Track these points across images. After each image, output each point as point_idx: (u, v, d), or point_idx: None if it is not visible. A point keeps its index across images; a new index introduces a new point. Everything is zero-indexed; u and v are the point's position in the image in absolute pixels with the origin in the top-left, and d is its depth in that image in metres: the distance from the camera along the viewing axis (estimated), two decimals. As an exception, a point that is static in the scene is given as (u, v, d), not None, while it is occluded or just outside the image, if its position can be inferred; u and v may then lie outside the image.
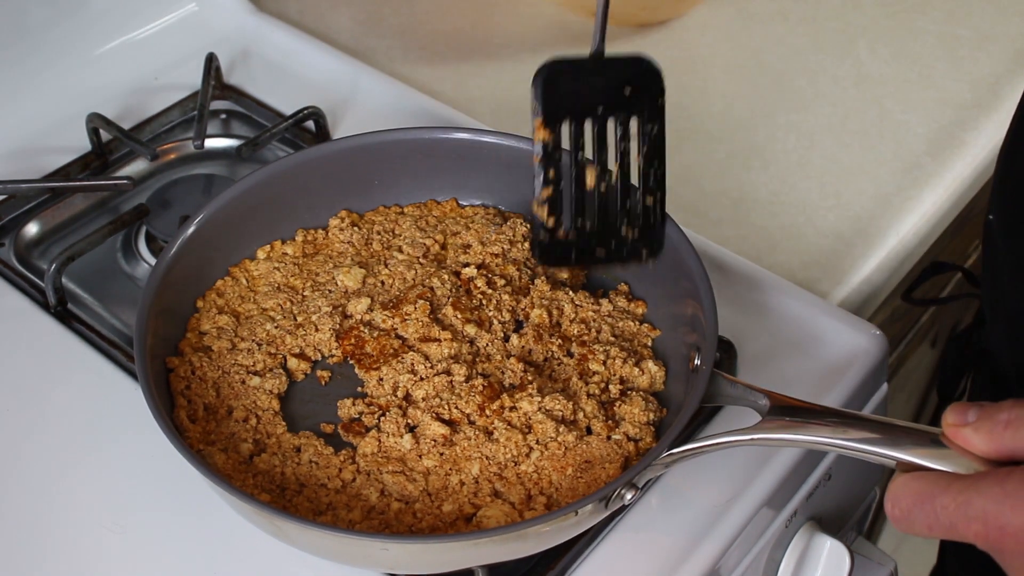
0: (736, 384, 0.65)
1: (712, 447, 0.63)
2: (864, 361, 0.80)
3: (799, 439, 0.61)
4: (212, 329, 0.74)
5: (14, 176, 0.91)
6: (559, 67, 0.67)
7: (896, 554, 0.89)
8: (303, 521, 0.61)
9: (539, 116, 0.66)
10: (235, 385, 0.71)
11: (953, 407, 0.54)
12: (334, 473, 0.67)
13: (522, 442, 0.67)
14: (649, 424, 0.69)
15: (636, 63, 0.69)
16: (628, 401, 0.70)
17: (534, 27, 1.17)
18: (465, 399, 0.69)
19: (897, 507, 0.53)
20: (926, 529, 0.52)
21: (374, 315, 0.74)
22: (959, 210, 1.02)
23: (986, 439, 0.52)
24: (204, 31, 1.06)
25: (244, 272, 0.78)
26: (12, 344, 0.80)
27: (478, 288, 0.76)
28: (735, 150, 1.03)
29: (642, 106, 0.69)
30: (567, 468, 0.66)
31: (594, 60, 0.68)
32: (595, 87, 0.68)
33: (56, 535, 0.70)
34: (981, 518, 0.49)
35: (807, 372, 0.79)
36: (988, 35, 1.16)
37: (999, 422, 0.52)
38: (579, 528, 0.65)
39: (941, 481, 0.52)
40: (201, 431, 0.69)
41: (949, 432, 0.54)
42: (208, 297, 0.76)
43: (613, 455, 0.67)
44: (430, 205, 0.83)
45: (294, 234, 0.80)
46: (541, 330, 0.74)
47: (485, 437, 0.68)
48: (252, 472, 0.67)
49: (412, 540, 0.62)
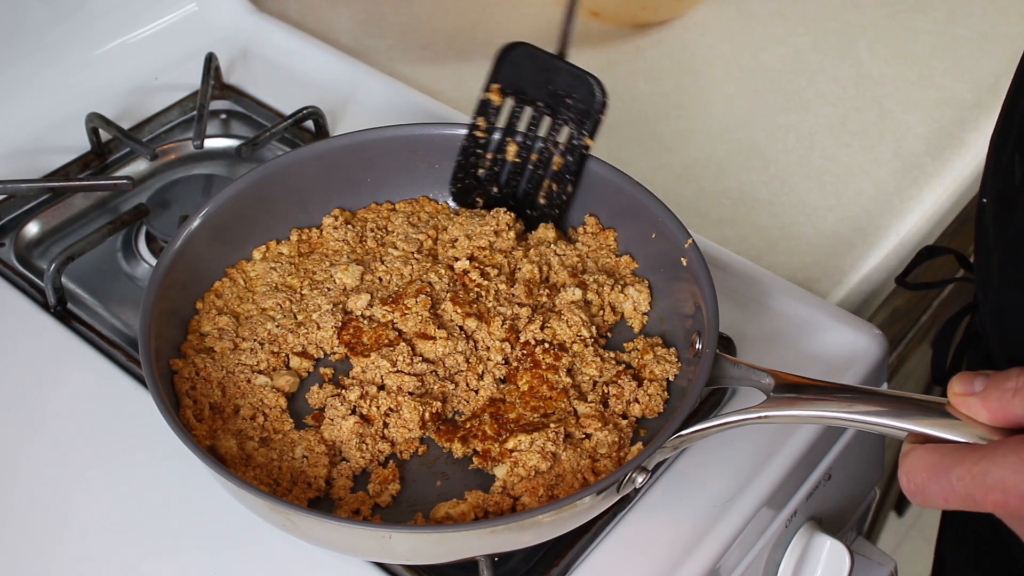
0: (740, 365, 0.65)
1: (721, 427, 0.63)
2: (864, 361, 0.80)
3: (806, 415, 0.61)
4: (213, 330, 0.74)
5: (14, 176, 0.91)
6: (525, 50, 0.78)
7: (896, 554, 0.89)
8: (314, 514, 0.61)
9: (494, 81, 0.78)
10: (240, 384, 0.71)
11: (959, 376, 0.54)
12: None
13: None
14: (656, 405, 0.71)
15: (585, 80, 0.77)
16: (639, 390, 0.71)
17: (534, 27, 1.17)
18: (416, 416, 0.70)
19: (912, 481, 0.53)
20: (942, 501, 0.52)
21: (374, 310, 0.75)
22: (959, 210, 1.02)
23: (994, 407, 0.53)
24: (204, 31, 1.06)
25: (241, 273, 0.78)
26: (12, 344, 0.80)
27: (473, 281, 0.76)
28: (735, 150, 1.03)
29: (578, 120, 0.77)
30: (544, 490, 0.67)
31: (553, 59, 0.78)
32: (544, 82, 0.78)
33: (56, 535, 0.70)
34: (1000, 487, 0.50)
35: (807, 372, 0.78)
36: (988, 35, 1.16)
37: (1007, 390, 0.52)
38: (591, 513, 0.65)
39: (955, 452, 0.52)
40: (207, 429, 0.69)
41: (956, 402, 0.54)
42: (207, 299, 0.76)
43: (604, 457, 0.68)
44: (422, 201, 0.83)
45: (288, 234, 0.80)
46: (531, 285, 0.76)
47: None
48: (252, 466, 0.67)
49: (417, 530, 0.63)
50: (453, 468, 0.69)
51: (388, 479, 0.67)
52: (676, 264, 0.73)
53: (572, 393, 0.71)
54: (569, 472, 0.66)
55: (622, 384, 0.71)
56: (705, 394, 0.76)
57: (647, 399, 0.71)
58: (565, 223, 0.82)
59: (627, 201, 0.77)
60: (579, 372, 0.73)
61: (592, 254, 0.79)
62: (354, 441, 0.68)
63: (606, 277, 0.77)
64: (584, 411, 0.70)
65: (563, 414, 0.70)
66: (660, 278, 0.77)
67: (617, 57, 1.13)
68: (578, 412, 0.70)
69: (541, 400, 0.71)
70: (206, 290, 0.76)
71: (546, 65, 0.77)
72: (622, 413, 0.71)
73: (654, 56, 1.14)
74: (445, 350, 0.72)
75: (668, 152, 1.03)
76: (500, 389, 0.72)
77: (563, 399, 0.71)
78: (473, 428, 0.70)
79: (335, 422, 0.69)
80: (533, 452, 0.67)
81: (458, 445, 0.69)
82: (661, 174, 1.00)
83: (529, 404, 0.71)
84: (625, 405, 0.71)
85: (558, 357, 0.73)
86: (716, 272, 0.71)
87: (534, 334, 0.73)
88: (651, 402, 0.71)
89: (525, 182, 0.80)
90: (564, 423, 0.69)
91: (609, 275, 0.78)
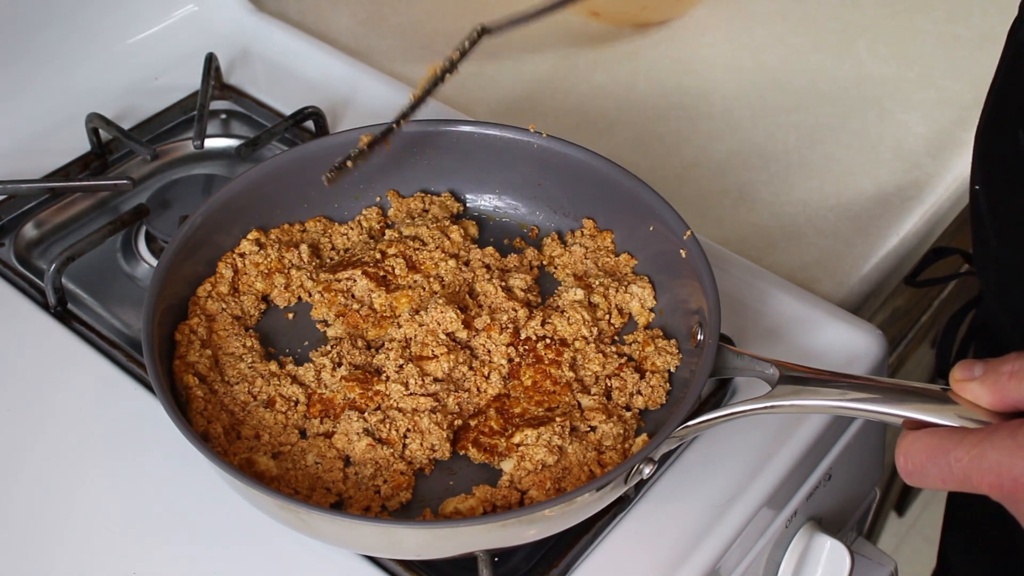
0: (743, 355, 0.66)
1: (728, 416, 0.63)
2: (864, 361, 0.80)
3: (810, 404, 0.62)
4: (201, 360, 0.72)
5: (14, 176, 0.91)
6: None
7: (896, 554, 0.89)
8: (326, 511, 0.62)
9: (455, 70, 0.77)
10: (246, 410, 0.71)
11: (961, 363, 0.56)
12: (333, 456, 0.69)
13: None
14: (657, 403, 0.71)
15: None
16: (639, 386, 0.71)
17: (534, 27, 1.17)
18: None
19: (910, 462, 0.54)
20: (939, 482, 0.53)
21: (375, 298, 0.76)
22: (959, 210, 1.02)
23: (991, 391, 0.54)
24: (204, 31, 1.06)
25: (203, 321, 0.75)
26: (12, 344, 0.80)
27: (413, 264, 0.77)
28: (735, 150, 1.03)
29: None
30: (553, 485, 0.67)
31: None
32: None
33: (56, 535, 0.70)
34: (995, 470, 0.51)
35: (807, 372, 0.79)
36: (988, 35, 1.16)
37: (1003, 373, 0.54)
38: (599, 506, 0.65)
39: (954, 435, 0.53)
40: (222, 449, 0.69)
41: (957, 387, 0.56)
42: (183, 330, 0.74)
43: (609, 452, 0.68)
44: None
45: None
46: (527, 291, 0.77)
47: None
48: (269, 477, 0.67)
49: (428, 526, 0.63)
50: (460, 463, 0.69)
51: (402, 486, 0.67)
52: (676, 257, 0.73)
53: (575, 387, 0.72)
54: (576, 465, 0.66)
55: (624, 376, 0.72)
56: (709, 389, 0.76)
57: (650, 391, 0.71)
58: (563, 228, 0.82)
59: (624, 195, 0.77)
60: (581, 367, 0.73)
61: (591, 255, 0.80)
62: (369, 467, 0.68)
63: (610, 280, 0.77)
64: (588, 404, 0.70)
65: (567, 408, 0.71)
66: (660, 273, 0.77)
67: (617, 57, 1.13)
68: (582, 405, 0.71)
69: (545, 394, 0.71)
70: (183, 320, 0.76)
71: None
72: (625, 405, 0.71)
73: (654, 56, 1.14)
74: (449, 364, 0.72)
75: (668, 152, 1.03)
76: (505, 385, 0.72)
77: (567, 393, 0.71)
78: (480, 425, 0.70)
79: (352, 443, 0.69)
80: (540, 446, 0.67)
81: (475, 452, 0.69)
82: (661, 174, 1.00)
83: (533, 399, 0.71)
84: (628, 397, 0.71)
85: (560, 352, 0.73)
86: (716, 272, 0.71)
87: (535, 330, 0.74)
88: (654, 394, 0.71)
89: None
90: (569, 416, 0.69)
91: (611, 276, 0.78)
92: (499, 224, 0.83)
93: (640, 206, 0.76)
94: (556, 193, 0.82)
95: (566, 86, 1.10)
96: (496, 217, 0.84)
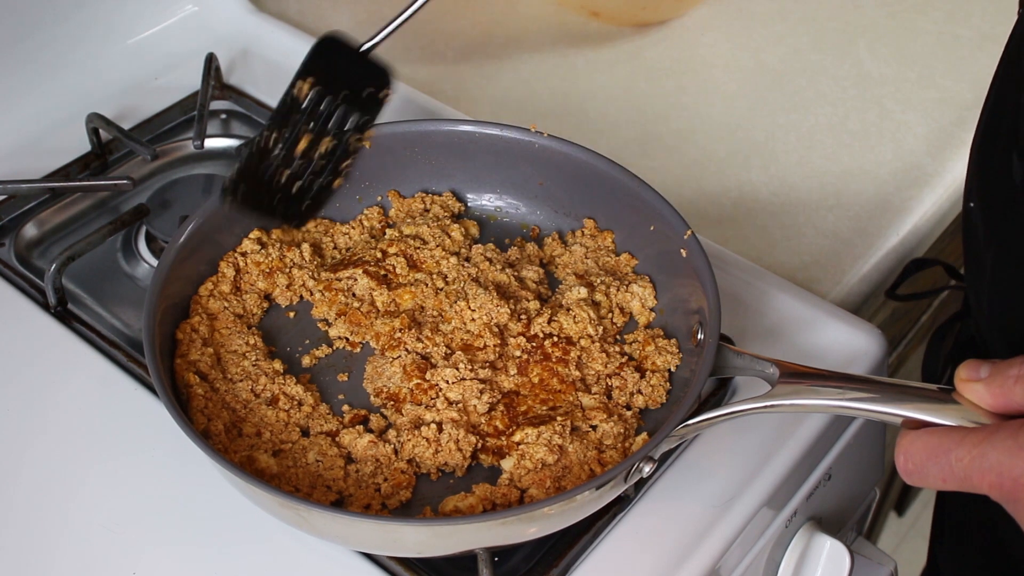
0: (743, 355, 0.66)
1: (728, 415, 0.63)
2: (864, 361, 0.80)
3: (811, 403, 0.62)
4: (203, 359, 0.72)
5: (14, 176, 0.91)
6: (334, 44, 0.74)
7: (896, 554, 0.89)
8: (326, 508, 0.62)
9: (307, 75, 0.73)
10: (248, 405, 0.71)
11: (967, 363, 0.56)
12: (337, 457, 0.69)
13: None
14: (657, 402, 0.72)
15: (382, 74, 0.75)
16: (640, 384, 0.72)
17: (534, 27, 1.17)
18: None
19: (910, 461, 0.54)
20: (940, 481, 0.53)
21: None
22: (959, 210, 1.02)
23: (996, 393, 0.54)
24: (204, 31, 1.06)
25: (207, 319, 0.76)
26: (12, 344, 0.80)
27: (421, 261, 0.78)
28: (735, 150, 1.03)
29: (364, 114, 0.74)
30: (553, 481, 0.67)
31: (360, 53, 0.75)
32: (349, 75, 0.74)
33: (56, 535, 0.70)
34: (996, 470, 0.51)
35: (807, 371, 0.79)
36: (988, 35, 1.16)
37: (1009, 376, 0.54)
38: (598, 504, 0.65)
39: (955, 435, 0.53)
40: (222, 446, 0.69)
41: (961, 387, 0.56)
42: (184, 329, 0.74)
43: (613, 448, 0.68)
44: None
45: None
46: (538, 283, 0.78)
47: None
48: (270, 475, 0.67)
49: (428, 523, 0.63)
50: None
51: (403, 485, 0.68)
52: (676, 257, 0.74)
53: (579, 386, 0.72)
54: (576, 464, 0.67)
55: (625, 376, 0.72)
56: (709, 388, 0.77)
57: (650, 390, 0.71)
58: (564, 228, 0.82)
59: (625, 194, 0.77)
60: (585, 365, 0.73)
61: (591, 255, 0.80)
62: (370, 464, 0.68)
63: (611, 278, 0.78)
64: (589, 403, 0.71)
65: (569, 407, 0.71)
66: (661, 273, 0.77)
67: (617, 57, 1.13)
68: (583, 404, 0.71)
69: (551, 393, 0.71)
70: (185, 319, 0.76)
71: (353, 58, 0.75)
72: (626, 404, 0.71)
73: (654, 56, 1.14)
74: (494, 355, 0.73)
75: (668, 152, 1.03)
76: (516, 382, 0.72)
77: (571, 392, 0.71)
78: (484, 425, 0.70)
79: (354, 440, 0.69)
80: (540, 445, 0.67)
81: (484, 457, 0.69)
82: (661, 174, 1.00)
83: (539, 397, 0.71)
84: (628, 396, 0.72)
85: (567, 351, 0.73)
86: (716, 272, 0.71)
87: (542, 327, 0.74)
88: (654, 393, 0.71)
89: (307, 176, 0.75)
90: (571, 416, 0.69)
91: (612, 275, 0.78)
92: (500, 224, 0.84)
93: (641, 206, 0.76)
94: (557, 193, 0.82)
95: (566, 86, 1.10)
96: (497, 217, 0.84)
